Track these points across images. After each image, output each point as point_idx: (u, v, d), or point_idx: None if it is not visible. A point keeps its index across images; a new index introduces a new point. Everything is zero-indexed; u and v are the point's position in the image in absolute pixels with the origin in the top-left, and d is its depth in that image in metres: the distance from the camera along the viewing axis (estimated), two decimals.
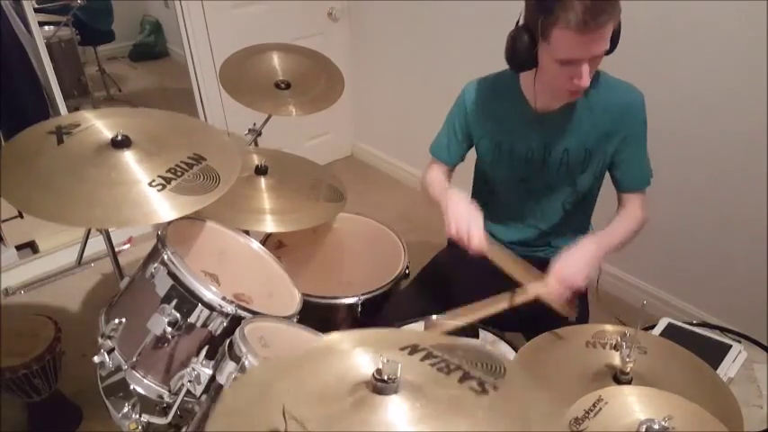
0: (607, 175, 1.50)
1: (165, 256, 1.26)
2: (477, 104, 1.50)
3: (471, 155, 1.60)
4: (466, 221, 1.30)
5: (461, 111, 1.53)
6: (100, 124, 1.37)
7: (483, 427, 0.73)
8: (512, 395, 0.78)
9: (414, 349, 0.82)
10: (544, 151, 1.45)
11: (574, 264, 1.28)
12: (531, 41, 1.24)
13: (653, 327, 1.45)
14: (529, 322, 1.37)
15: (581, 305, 1.55)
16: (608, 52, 1.27)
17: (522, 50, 1.26)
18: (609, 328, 1.22)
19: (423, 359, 0.81)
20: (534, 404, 0.79)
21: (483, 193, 1.62)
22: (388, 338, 0.86)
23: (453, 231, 1.31)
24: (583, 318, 1.52)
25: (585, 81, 1.22)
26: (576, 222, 1.59)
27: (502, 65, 1.41)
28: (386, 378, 0.73)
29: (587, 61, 1.21)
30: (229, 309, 1.25)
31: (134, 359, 1.27)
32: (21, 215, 2.43)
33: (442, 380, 0.78)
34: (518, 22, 1.27)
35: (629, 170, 1.46)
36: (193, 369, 1.18)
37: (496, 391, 0.77)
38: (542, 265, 1.50)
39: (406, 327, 1.43)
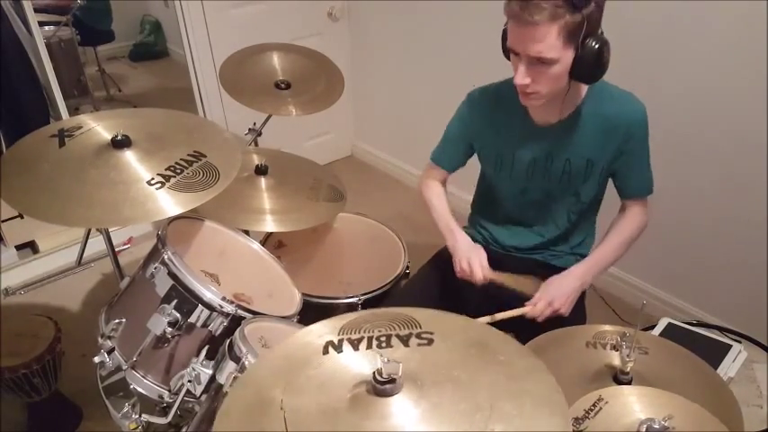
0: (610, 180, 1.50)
1: (166, 256, 1.26)
2: (479, 114, 1.49)
3: (474, 159, 1.60)
4: (466, 258, 1.44)
5: (462, 120, 1.53)
6: (101, 126, 1.38)
7: (465, 364, 0.81)
8: (446, 333, 0.86)
9: (335, 346, 0.83)
10: (546, 161, 1.44)
11: (564, 292, 1.38)
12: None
13: (653, 327, 1.45)
14: (526, 323, 1.37)
15: (579, 308, 1.55)
16: (585, 81, 1.30)
17: (505, 37, 1.29)
18: (609, 328, 1.22)
19: (355, 349, 0.83)
20: (467, 329, 0.89)
21: (486, 199, 1.62)
22: (301, 349, 0.85)
23: (459, 270, 1.46)
24: (580, 318, 1.52)
25: (518, 78, 1.25)
26: (581, 230, 1.59)
27: (502, 64, 1.41)
28: (387, 378, 0.73)
29: (525, 59, 1.23)
30: (229, 309, 1.26)
31: (134, 359, 1.27)
32: (21, 215, 2.43)
33: (396, 354, 0.81)
34: None
35: (630, 179, 1.46)
36: (193, 369, 1.18)
37: (435, 336, 0.85)
38: (538, 267, 1.50)
39: None
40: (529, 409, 0.74)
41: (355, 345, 0.83)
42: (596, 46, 1.21)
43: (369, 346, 0.83)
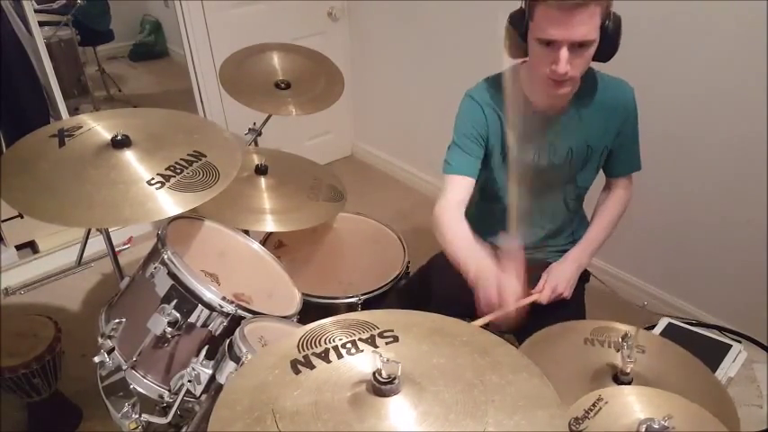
0: None
1: (165, 256, 1.26)
2: (492, 109, 1.44)
3: None
4: (496, 285, 1.25)
5: (478, 116, 1.44)
6: (101, 126, 1.38)
7: (439, 351, 0.84)
8: (404, 328, 0.88)
9: (304, 364, 0.82)
10: (549, 152, 1.45)
11: (565, 277, 1.44)
12: (522, 23, 1.26)
13: (653, 327, 1.45)
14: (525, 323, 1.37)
15: (578, 304, 1.56)
16: (604, 59, 1.29)
17: (515, 33, 1.28)
18: (607, 325, 1.22)
19: (327, 363, 0.82)
20: (420, 320, 0.92)
21: (484, 198, 1.61)
22: (269, 374, 0.82)
23: (484, 304, 1.27)
24: (580, 314, 1.53)
25: (562, 67, 1.21)
26: (576, 217, 1.61)
27: (501, 64, 1.41)
28: (388, 378, 0.73)
29: (567, 46, 1.20)
30: (229, 309, 1.26)
31: (134, 359, 1.27)
32: (21, 215, 2.43)
33: (368, 357, 0.82)
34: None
35: (622, 159, 1.51)
36: (193, 369, 1.18)
37: (396, 332, 0.87)
38: (541, 267, 1.50)
39: None
40: (510, 376, 0.79)
41: (325, 357, 0.83)
42: (616, 22, 1.23)
43: (339, 356, 0.83)
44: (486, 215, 1.62)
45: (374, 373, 0.74)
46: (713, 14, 1.78)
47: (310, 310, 1.47)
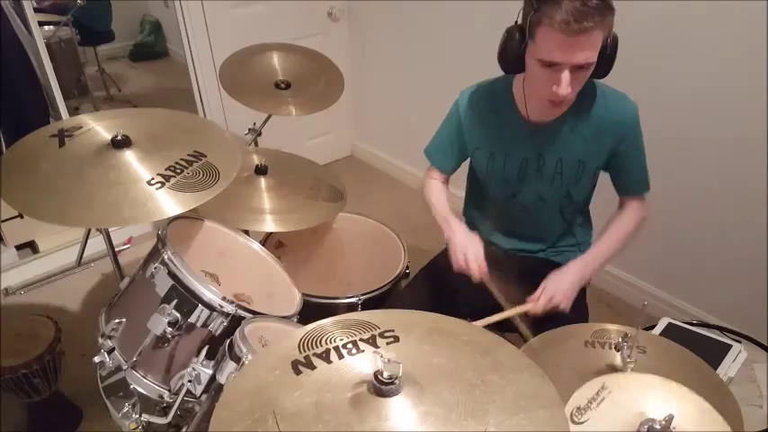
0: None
1: (166, 256, 1.26)
2: (472, 114, 1.47)
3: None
4: (463, 251, 1.38)
5: (455, 120, 1.50)
6: (101, 126, 1.38)
7: (440, 351, 0.84)
8: (405, 328, 0.88)
9: (305, 364, 0.82)
10: (537, 162, 1.43)
11: (564, 287, 1.36)
12: (522, 40, 1.24)
13: (653, 327, 1.45)
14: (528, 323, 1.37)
15: (581, 306, 1.55)
16: (600, 76, 1.28)
17: (513, 49, 1.25)
18: (608, 327, 1.22)
19: (328, 363, 0.82)
20: (420, 320, 0.93)
21: (478, 202, 1.61)
22: (270, 375, 0.82)
23: (455, 265, 1.39)
24: (583, 317, 1.52)
25: (564, 89, 1.20)
26: (578, 223, 1.59)
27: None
28: (389, 379, 0.73)
29: (568, 68, 1.19)
30: (229, 309, 1.26)
31: (134, 359, 1.27)
32: (21, 215, 2.43)
33: (368, 357, 0.82)
34: (516, 21, 1.27)
35: (626, 178, 1.47)
36: (194, 369, 1.18)
37: (397, 332, 0.87)
38: (540, 266, 1.50)
39: None
40: (511, 376, 0.80)
41: (326, 357, 0.83)
42: (614, 41, 1.22)
43: (340, 356, 0.83)
44: (477, 219, 1.63)
45: (375, 374, 0.74)
46: (713, 14, 1.78)
47: (310, 311, 1.47)
